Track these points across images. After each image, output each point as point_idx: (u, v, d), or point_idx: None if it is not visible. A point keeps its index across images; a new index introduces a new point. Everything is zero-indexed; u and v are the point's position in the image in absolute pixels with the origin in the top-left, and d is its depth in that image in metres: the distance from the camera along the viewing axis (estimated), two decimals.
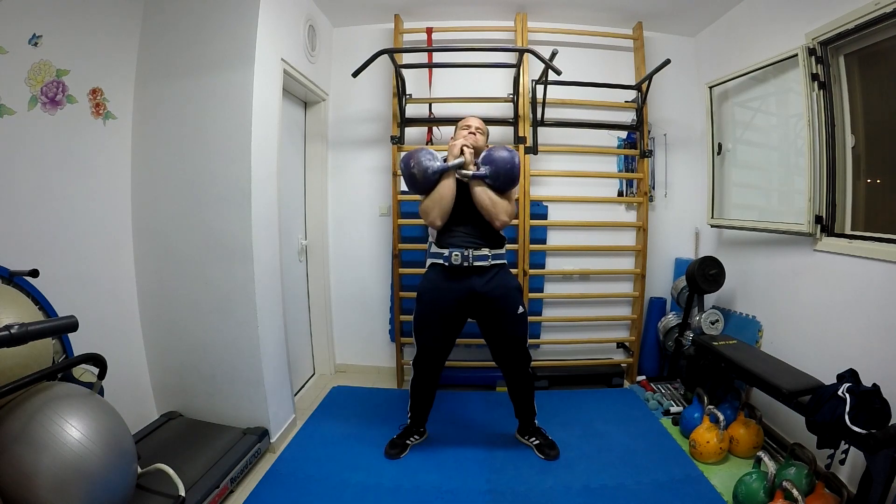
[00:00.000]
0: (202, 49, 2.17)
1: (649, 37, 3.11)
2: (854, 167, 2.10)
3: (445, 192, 2.05)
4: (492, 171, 2.04)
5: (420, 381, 2.24)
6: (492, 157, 2.06)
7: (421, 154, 2.06)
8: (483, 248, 2.08)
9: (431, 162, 2.05)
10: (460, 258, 2.05)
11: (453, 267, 2.06)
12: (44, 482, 1.23)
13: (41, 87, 1.74)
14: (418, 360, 2.22)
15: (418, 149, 2.10)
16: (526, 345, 2.20)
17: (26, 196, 1.72)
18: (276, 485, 2.02)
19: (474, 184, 2.05)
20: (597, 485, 2.02)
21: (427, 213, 2.09)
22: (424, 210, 2.09)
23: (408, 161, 2.07)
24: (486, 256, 2.08)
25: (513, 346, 2.17)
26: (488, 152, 2.09)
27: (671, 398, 2.79)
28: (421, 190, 2.10)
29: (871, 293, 1.88)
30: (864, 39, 1.97)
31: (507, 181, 2.06)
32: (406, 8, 2.95)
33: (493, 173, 2.04)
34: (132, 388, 2.23)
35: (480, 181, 2.05)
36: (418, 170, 2.03)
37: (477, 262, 2.06)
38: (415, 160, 2.04)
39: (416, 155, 2.06)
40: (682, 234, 3.26)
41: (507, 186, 2.09)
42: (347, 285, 3.30)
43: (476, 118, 2.31)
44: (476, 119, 2.30)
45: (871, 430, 1.50)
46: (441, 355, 2.21)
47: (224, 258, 2.19)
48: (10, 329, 1.17)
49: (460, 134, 2.22)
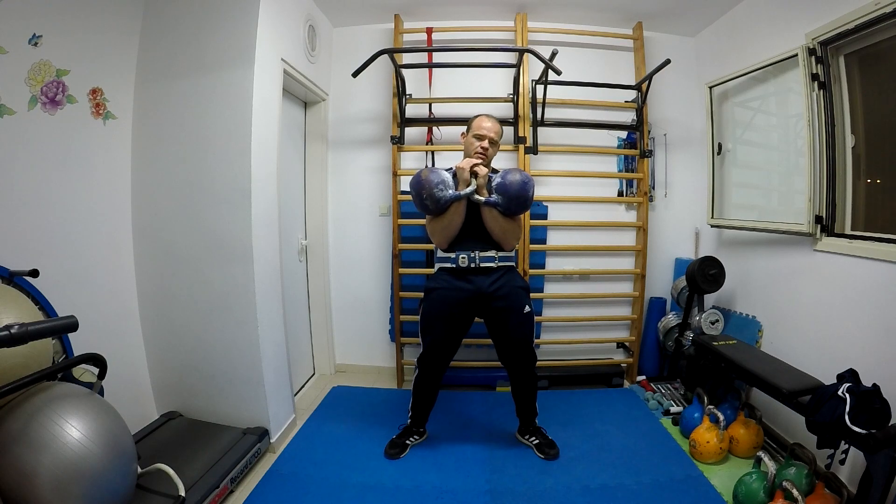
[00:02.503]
0: (202, 49, 2.17)
1: (649, 37, 3.11)
2: (854, 167, 2.10)
3: (455, 220, 2.05)
4: (504, 200, 2.00)
5: (424, 379, 2.24)
6: (505, 188, 1.99)
7: (433, 183, 1.98)
8: (490, 250, 2.10)
9: (443, 192, 1.98)
10: (467, 260, 2.07)
11: (461, 269, 2.08)
12: (44, 482, 1.23)
13: (41, 87, 1.74)
14: (424, 358, 2.21)
15: (428, 176, 2.00)
16: (532, 344, 2.21)
17: (26, 196, 1.72)
18: (276, 485, 2.02)
19: (485, 209, 2.04)
20: (597, 485, 2.02)
21: (433, 234, 2.12)
22: (431, 232, 2.13)
23: (419, 189, 2.00)
24: (493, 258, 2.10)
25: (519, 345, 2.17)
26: (502, 180, 2.02)
27: (671, 398, 2.79)
28: (431, 213, 2.09)
29: (871, 293, 1.88)
30: (864, 39, 1.97)
31: (518, 209, 2.05)
32: (406, 8, 2.95)
33: (504, 203, 2.01)
34: (132, 388, 2.23)
35: (492, 207, 2.03)
36: (431, 201, 1.99)
37: (484, 264, 2.08)
38: (426, 191, 1.98)
39: (428, 185, 1.98)
40: (682, 234, 3.26)
41: (519, 213, 2.08)
42: (347, 285, 3.30)
43: (490, 120, 2.14)
44: (490, 122, 2.13)
45: (871, 430, 1.50)
46: (447, 354, 2.21)
47: (224, 258, 2.19)
48: (10, 329, 1.17)
49: (472, 144, 2.10)
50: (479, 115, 2.19)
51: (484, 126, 2.12)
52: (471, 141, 2.12)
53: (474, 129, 2.13)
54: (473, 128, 2.14)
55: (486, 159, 2.10)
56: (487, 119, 2.14)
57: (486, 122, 2.13)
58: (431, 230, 2.11)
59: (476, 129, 2.12)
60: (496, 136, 2.13)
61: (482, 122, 2.13)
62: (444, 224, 2.05)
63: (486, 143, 2.09)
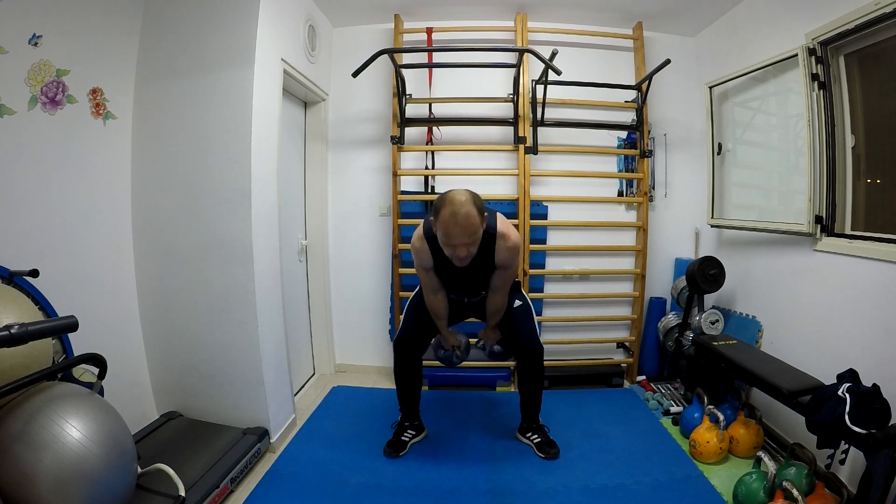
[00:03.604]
0: (202, 49, 2.17)
1: (649, 37, 3.11)
2: (854, 167, 2.10)
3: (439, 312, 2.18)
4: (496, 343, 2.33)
5: (402, 364, 2.26)
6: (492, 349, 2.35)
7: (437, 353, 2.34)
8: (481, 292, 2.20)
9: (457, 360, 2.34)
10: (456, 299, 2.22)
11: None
12: (44, 482, 1.23)
13: (41, 87, 1.74)
14: (400, 342, 2.24)
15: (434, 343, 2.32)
16: (534, 334, 2.22)
17: (26, 196, 1.72)
18: (277, 485, 2.02)
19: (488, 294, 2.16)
20: (597, 485, 2.02)
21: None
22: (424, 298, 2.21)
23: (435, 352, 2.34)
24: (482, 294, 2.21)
25: (518, 334, 2.21)
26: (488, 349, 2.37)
27: (671, 398, 2.79)
28: None
29: (871, 293, 1.88)
30: (863, 39, 1.97)
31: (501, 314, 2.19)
32: (406, 8, 2.95)
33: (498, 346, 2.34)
34: (132, 388, 2.23)
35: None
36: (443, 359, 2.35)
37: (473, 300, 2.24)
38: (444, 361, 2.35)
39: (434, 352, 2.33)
40: (682, 234, 3.26)
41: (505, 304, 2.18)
42: (347, 285, 3.30)
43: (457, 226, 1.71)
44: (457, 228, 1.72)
45: (871, 430, 1.49)
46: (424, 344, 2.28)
47: (224, 258, 2.19)
48: (10, 329, 1.17)
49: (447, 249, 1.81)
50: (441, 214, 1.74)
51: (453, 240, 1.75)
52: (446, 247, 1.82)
53: (441, 238, 1.80)
54: (440, 235, 1.79)
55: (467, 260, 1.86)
56: (454, 225, 1.71)
57: (453, 230, 1.73)
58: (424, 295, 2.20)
59: (445, 239, 1.78)
60: (470, 239, 1.76)
61: (449, 231, 1.73)
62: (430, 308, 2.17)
63: (464, 251, 1.79)
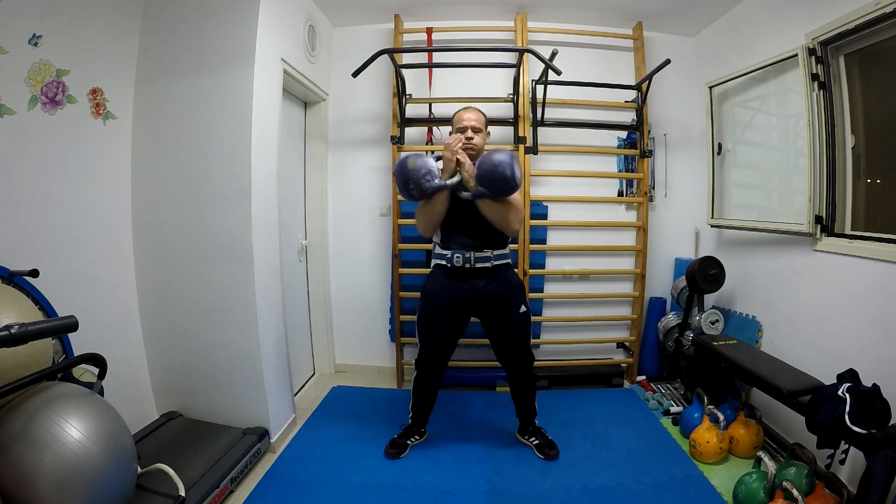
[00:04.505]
0: (202, 49, 2.17)
1: (649, 37, 3.11)
2: (854, 167, 2.10)
3: (438, 209, 2.01)
4: (486, 187, 1.91)
5: (422, 380, 2.24)
6: (483, 171, 1.90)
7: (420, 173, 1.90)
8: (485, 249, 2.08)
9: (429, 182, 1.91)
10: (462, 260, 2.06)
11: (456, 268, 2.07)
12: (44, 482, 1.23)
13: (41, 87, 1.74)
14: (421, 359, 2.21)
15: (415, 164, 1.92)
16: (529, 344, 2.21)
17: (26, 196, 1.72)
18: (276, 485, 2.02)
19: (480, 202, 1.99)
20: (597, 485, 2.02)
21: (417, 220, 2.11)
22: (416, 220, 2.11)
23: (405, 178, 1.92)
24: (489, 258, 2.08)
25: (515, 345, 2.17)
26: (480, 164, 1.94)
27: (671, 398, 2.79)
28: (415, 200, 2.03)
29: (871, 293, 1.88)
30: (864, 39, 1.97)
31: (503, 191, 1.92)
32: (406, 8, 2.95)
33: (488, 190, 1.92)
34: (132, 388, 2.23)
35: (481, 198, 1.96)
36: (417, 191, 1.93)
37: (479, 264, 2.07)
38: (413, 181, 1.91)
39: (415, 174, 1.90)
40: (682, 234, 3.26)
41: (508, 194, 1.96)
42: (347, 285, 3.29)
43: (469, 111, 2.12)
44: (469, 112, 2.11)
45: (871, 430, 1.50)
46: (444, 355, 2.21)
47: (224, 258, 2.19)
48: (10, 329, 1.17)
49: (454, 139, 2.01)
50: (458, 110, 2.18)
51: (463, 118, 2.10)
52: (457, 137, 2.04)
53: (455, 124, 2.14)
54: (455, 122, 2.15)
55: (475, 151, 2.06)
56: (466, 111, 2.13)
57: (465, 114, 2.12)
58: (416, 216, 2.10)
59: (457, 123, 2.12)
60: (477, 123, 2.09)
61: (461, 114, 2.13)
62: (428, 211, 2.03)
63: (469, 132, 2.07)
